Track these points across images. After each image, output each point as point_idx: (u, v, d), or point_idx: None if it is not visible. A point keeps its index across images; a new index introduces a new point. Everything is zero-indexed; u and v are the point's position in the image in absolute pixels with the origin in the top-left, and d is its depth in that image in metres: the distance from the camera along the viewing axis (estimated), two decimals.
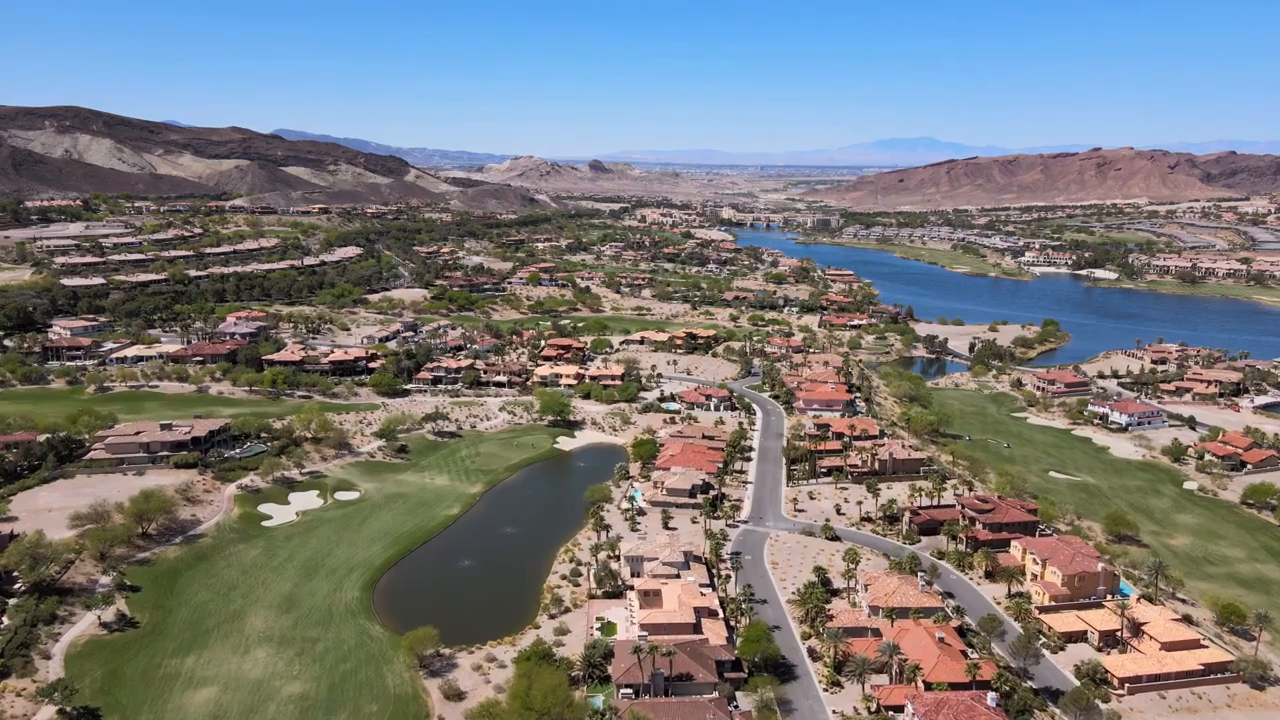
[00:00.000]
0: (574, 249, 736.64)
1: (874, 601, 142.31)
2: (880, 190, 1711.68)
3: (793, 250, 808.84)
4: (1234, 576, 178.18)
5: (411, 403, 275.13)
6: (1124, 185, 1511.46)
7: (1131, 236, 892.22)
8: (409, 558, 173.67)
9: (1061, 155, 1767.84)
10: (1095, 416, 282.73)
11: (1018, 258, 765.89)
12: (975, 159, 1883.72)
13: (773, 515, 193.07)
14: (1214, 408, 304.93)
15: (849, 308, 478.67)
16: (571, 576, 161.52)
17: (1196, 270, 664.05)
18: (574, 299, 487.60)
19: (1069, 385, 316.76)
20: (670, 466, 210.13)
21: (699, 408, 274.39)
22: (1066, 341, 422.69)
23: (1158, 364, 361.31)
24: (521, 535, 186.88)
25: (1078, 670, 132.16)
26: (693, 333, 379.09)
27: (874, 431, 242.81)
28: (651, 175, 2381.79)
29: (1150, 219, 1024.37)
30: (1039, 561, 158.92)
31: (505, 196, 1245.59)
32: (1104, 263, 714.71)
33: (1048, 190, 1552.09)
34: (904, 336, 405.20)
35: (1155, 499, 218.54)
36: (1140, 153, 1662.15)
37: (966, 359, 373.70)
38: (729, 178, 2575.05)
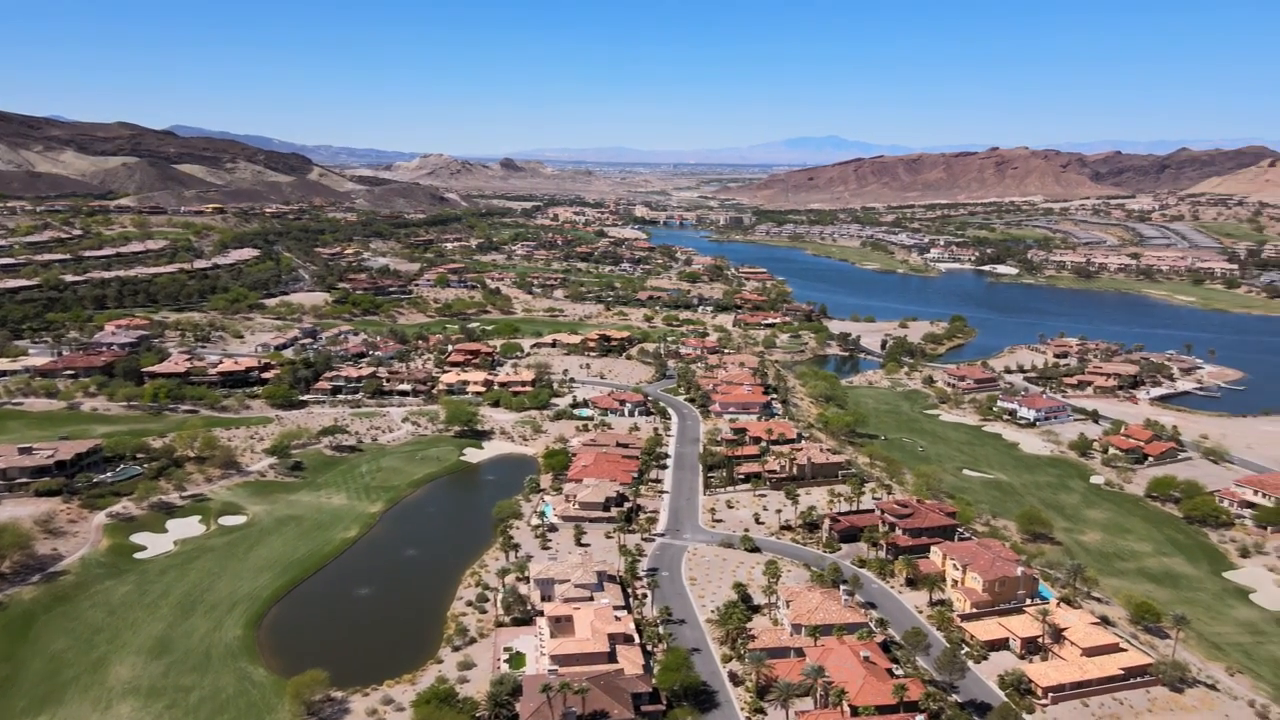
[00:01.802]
0: (485, 249, 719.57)
1: (796, 619, 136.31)
2: (791, 188, 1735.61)
3: (706, 248, 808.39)
4: (1144, 572, 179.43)
5: (308, 415, 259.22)
6: (1021, 183, 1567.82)
7: (1030, 233, 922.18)
8: (300, 588, 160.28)
9: (963, 155, 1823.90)
10: (1004, 412, 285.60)
11: (924, 254, 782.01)
12: (881, 158, 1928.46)
13: (690, 527, 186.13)
14: (1114, 400, 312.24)
15: (763, 306, 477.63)
16: (478, 602, 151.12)
17: (1090, 265, 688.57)
18: (484, 301, 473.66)
19: (978, 381, 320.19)
20: (583, 478, 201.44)
21: (613, 413, 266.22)
22: (973, 337, 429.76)
23: (1060, 358, 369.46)
24: (425, 558, 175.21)
25: (1002, 681, 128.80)
26: (606, 335, 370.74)
27: (791, 434, 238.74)
28: (564, 173, 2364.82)
29: (1046, 216, 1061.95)
30: (960, 567, 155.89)
31: (414, 195, 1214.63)
32: (1005, 259, 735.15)
33: (950, 188, 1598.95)
34: (818, 335, 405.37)
35: (1065, 495, 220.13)
36: (1035, 152, 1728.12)
37: (879, 356, 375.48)
38: (642, 176, 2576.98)
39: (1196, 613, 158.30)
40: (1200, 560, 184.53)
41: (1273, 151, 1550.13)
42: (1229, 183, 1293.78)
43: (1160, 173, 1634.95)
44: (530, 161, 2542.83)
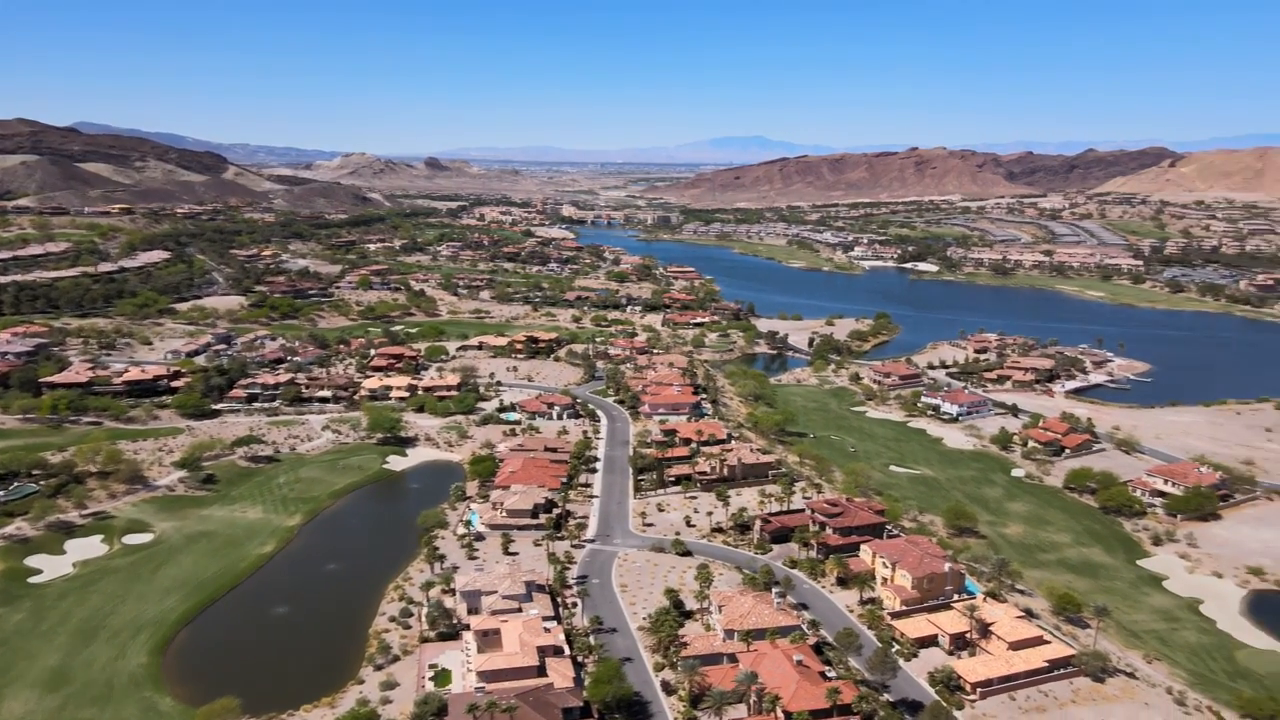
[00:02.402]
0: (409, 249, 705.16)
1: (729, 624, 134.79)
2: (718, 187, 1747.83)
3: (635, 248, 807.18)
4: (1064, 562, 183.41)
5: (222, 425, 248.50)
6: (940, 182, 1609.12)
7: (949, 231, 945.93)
8: (212, 609, 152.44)
9: (884, 154, 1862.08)
10: (929, 408, 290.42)
11: (848, 252, 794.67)
12: (805, 157, 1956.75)
13: (621, 532, 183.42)
14: (1031, 394, 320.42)
15: (692, 305, 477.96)
16: (401, 618, 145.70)
17: (1007, 262, 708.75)
18: (408, 303, 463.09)
19: (903, 378, 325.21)
20: (510, 484, 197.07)
21: (541, 417, 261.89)
22: (897, 333, 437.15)
23: (980, 353, 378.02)
24: (346, 572, 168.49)
25: (932, 678, 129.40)
26: (534, 336, 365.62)
27: (721, 435, 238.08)
28: (491, 173, 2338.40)
29: (964, 214, 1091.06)
30: (889, 565, 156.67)
31: (335, 195, 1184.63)
32: (926, 256, 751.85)
33: (872, 187, 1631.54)
34: (746, 333, 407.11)
35: (989, 488, 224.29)
36: (952, 152, 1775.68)
37: (807, 354, 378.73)
38: (569, 175, 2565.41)
39: (1114, 601, 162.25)
40: (1116, 549, 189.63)
41: (1172, 152, 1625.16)
42: (1133, 182, 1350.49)
43: (1069, 172, 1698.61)
44: (456, 161, 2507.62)
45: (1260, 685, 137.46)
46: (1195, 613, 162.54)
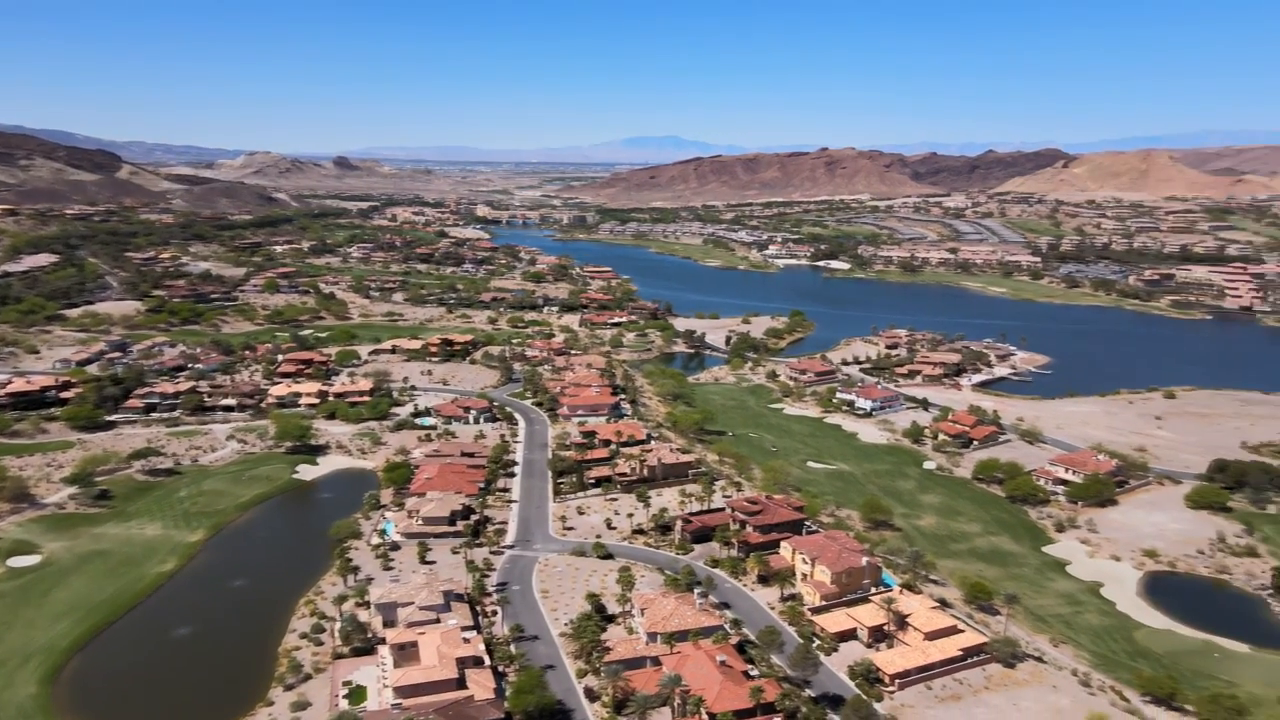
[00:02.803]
0: (318, 251, 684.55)
1: (652, 627, 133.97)
2: (634, 187, 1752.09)
3: (551, 248, 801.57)
4: (974, 552, 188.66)
5: (117, 437, 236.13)
6: (850, 182, 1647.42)
7: (859, 230, 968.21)
8: (107, 633, 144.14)
9: (796, 154, 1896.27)
10: (844, 403, 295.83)
11: (763, 251, 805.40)
12: (720, 157, 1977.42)
13: (541, 536, 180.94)
14: (941, 388, 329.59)
15: (609, 305, 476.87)
16: (313, 634, 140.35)
17: (915, 260, 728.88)
18: (317, 306, 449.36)
19: (818, 374, 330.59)
20: (426, 491, 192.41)
21: (457, 421, 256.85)
22: (812, 330, 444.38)
23: (891, 349, 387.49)
24: (253, 588, 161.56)
25: (852, 671, 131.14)
26: (449, 338, 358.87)
27: (641, 435, 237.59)
28: (403, 172, 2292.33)
29: (873, 213, 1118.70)
30: (808, 561, 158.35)
31: (239, 195, 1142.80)
32: (838, 254, 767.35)
33: (785, 187, 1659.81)
34: (664, 333, 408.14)
35: (902, 481, 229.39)
36: (861, 153, 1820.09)
37: (724, 352, 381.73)
38: (483, 175, 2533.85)
39: (1022, 588, 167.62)
40: (1023, 537, 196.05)
41: (1065, 154, 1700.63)
42: (1030, 182, 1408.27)
43: (971, 173, 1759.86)
44: (366, 160, 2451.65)
45: (1158, 664, 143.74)
46: (1097, 595, 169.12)
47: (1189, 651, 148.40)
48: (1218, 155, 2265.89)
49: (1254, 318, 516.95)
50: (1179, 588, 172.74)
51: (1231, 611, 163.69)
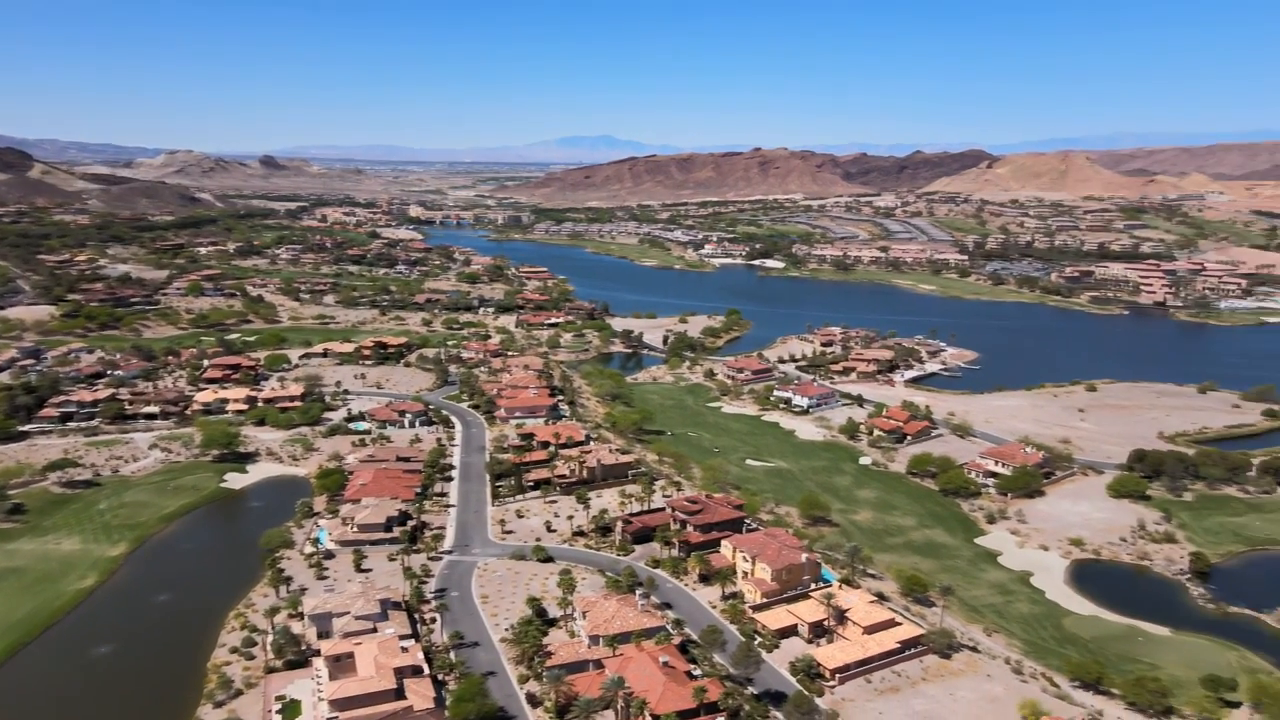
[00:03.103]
0: (245, 253, 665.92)
1: (594, 630, 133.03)
2: (569, 186, 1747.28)
3: (486, 248, 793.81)
4: (910, 545, 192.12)
5: (30, 448, 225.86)
6: (783, 182, 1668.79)
7: (793, 229, 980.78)
8: (23, 653, 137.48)
9: (730, 154, 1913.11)
10: (781, 401, 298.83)
11: (699, 250, 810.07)
12: (654, 157, 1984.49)
13: (480, 541, 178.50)
14: (874, 384, 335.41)
15: (546, 306, 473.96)
16: (244, 648, 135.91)
17: (847, 258, 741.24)
18: (245, 309, 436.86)
19: (755, 372, 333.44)
20: (361, 497, 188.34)
21: (392, 425, 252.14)
22: (748, 329, 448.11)
23: (826, 346, 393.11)
24: (180, 603, 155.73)
25: (793, 667, 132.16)
26: (382, 341, 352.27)
27: (580, 437, 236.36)
28: (332, 172, 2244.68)
29: (806, 212, 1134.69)
30: (749, 558, 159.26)
31: (160, 195, 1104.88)
32: (773, 253, 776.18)
33: (720, 186, 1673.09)
34: (601, 333, 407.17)
35: (839, 477, 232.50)
36: (794, 153, 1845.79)
37: (662, 352, 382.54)
38: (416, 174, 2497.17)
39: (956, 579, 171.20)
40: (956, 529, 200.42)
41: (989, 155, 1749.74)
42: (956, 182, 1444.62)
43: (900, 173, 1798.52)
44: (294, 160, 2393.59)
45: (1085, 649, 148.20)
46: (1027, 585, 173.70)
47: (1114, 636, 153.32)
48: (1131, 156, 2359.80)
49: (1167, 312, 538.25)
50: (1103, 575, 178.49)
51: (1153, 596, 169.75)
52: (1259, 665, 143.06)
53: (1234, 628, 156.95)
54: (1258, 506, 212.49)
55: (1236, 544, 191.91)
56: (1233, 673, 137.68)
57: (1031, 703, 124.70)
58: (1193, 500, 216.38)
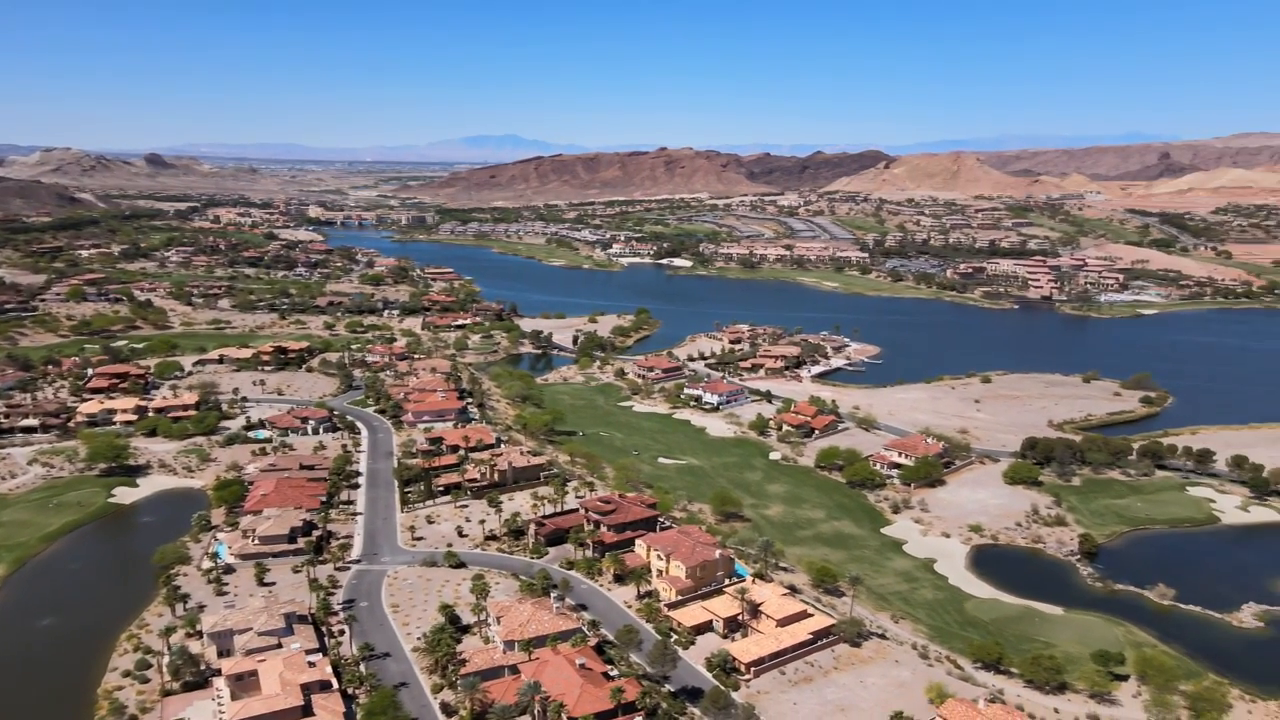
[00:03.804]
0: (131, 255, 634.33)
1: (509, 635, 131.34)
2: (474, 186, 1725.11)
3: (389, 249, 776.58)
4: (820, 537, 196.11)
5: None
6: (689, 181, 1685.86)
7: (700, 228, 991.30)
8: None
9: (636, 154, 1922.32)
10: (691, 399, 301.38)
11: (607, 250, 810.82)
12: (560, 156, 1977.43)
13: (389, 549, 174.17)
14: (782, 380, 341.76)
15: (453, 307, 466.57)
16: (138, 670, 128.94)
17: (753, 257, 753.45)
18: (132, 315, 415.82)
19: (666, 371, 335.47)
20: (263, 508, 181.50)
21: (295, 433, 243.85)
22: (658, 328, 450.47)
23: (735, 344, 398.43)
24: (66, 626, 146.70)
25: (709, 663, 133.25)
26: (282, 346, 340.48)
27: (490, 439, 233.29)
28: (225, 171, 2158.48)
29: (712, 211, 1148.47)
30: (663, 557, 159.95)
31: (35, 195, 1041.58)
32: (680, 252, 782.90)
33: (626, 186, 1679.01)
34: (510, 334, 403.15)
35: (750, 472, 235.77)
36: (699, 152, 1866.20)
37: (572, 352, 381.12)
38: (315, 174, 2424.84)
39: (864, 569, 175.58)
40: (863, 520, 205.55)
41: (886, 155, 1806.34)
42: (855, 182, 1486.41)
43: (802, 172, 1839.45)
44: (183, 158, 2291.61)
45: (986, 631, 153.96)
46: (930, 571, 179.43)
47: (1012, 618, 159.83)
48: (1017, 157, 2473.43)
49: (1053, 306, 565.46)
50: (1001, 559, 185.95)
51: (1046, 578, 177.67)
52: (1144, 639, 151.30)
53: (1120, 604, 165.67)
54: (1138, 489, 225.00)
55: (1120, 525, 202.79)
56: (1120, 647, 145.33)
57: (937, 686, 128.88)
58: (1080, 485, 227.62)
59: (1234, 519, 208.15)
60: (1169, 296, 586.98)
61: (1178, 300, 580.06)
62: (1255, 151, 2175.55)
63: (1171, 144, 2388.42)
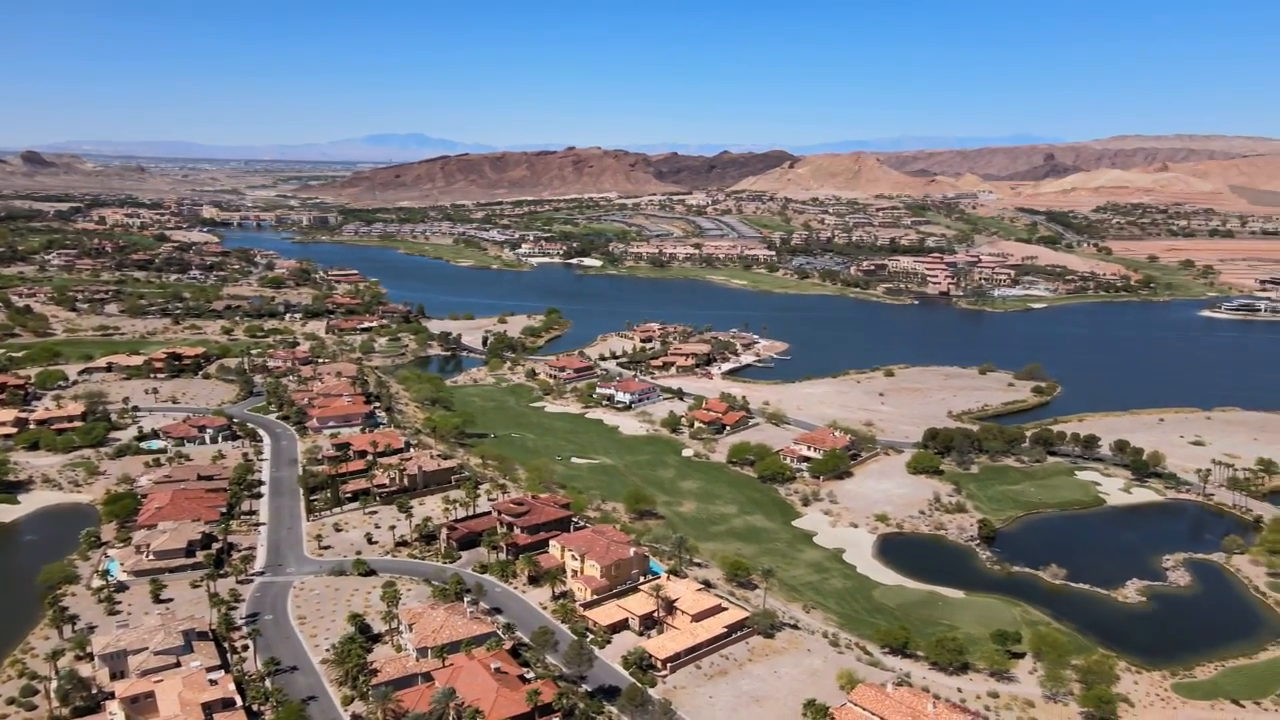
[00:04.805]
0: (6, 259, 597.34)
1: (422, 642, 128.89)
2: (378, 186, 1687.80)
3: (290, 250, 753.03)
4: (732, 532, 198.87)
5: None
6: (597, 181, 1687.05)
7: (609, 227, 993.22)
8: None
9: (544, 153, 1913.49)
10: (603, 398, 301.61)
11: (516, 250, 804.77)
12: (467, 155, 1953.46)
13: (294, 559, 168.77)
14: (693, 378, 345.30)
15: (358, 310, 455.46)
16: (23, 697, 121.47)
17: (663, 256, 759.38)
18: (10, 322, 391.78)
19: (577, 370, 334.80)
20: (158, 522, 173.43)
21: (191, 442, 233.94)
22: (569, 328, 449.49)
23: (646, 342, 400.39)
24: None
25: (625, 661, 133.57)
26: (177, 352, 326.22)
27: (399, 444, 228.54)
28: (110, 170, 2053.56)
29: (621, 211, 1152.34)
30: (578, 557, 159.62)
31: None
32: (590, 252, 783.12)
33: (534, 185, 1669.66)
34: (418, 336, 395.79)
35: (663, 470, 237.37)
36: (607, 152, 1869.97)
37: (482, 353, 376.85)
38: (209, 173, 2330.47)
39: (776, 561, 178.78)
40: (774, 514, 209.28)
41: (791, 155, 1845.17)
42: (761, 181, 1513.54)
43: (710, 172, 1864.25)
44: (64, 155, 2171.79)
45: (892, 617, 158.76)
46: (840, 561, 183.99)
47: (917, 602, 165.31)
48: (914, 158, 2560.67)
49: (950, 301, 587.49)
50: (906, 546, 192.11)
51: (949, 562, 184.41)
52: (1038, 618, 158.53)
53: (1016, 585, 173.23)
54: (1031, 474, 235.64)
55: (1015, 509, 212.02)
56: (1017, 626, 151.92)
57: (847, 672, 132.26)
58: (978, 472, 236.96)
59: (1118, 500, 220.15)
60: (1056, 291, 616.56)
61: (1064, 295, 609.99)
62: (1131, 153, 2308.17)
63: (1056, 145, 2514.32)
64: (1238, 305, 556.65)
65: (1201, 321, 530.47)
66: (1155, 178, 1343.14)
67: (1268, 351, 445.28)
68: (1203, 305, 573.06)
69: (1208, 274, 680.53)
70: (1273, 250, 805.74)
